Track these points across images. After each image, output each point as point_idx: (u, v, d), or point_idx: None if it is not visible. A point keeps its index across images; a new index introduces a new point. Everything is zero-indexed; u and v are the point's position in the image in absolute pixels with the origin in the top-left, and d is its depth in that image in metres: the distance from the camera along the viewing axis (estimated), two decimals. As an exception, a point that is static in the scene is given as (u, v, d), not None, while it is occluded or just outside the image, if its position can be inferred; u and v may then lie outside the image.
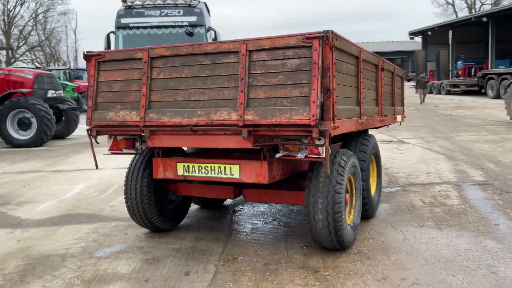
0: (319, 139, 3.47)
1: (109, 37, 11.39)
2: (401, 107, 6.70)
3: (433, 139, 11.51)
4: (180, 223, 4.98)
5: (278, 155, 3.67)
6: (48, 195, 6.63)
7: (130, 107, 3.98)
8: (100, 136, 4.25)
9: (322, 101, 3.36)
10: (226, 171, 3.92)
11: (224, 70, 3.65)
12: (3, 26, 43.36)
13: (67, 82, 25.69)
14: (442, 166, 8.01)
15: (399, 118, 6.55)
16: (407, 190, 6.35)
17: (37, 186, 7.27)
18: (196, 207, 5.67)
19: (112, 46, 11.32)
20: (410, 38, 49.84)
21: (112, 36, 11.41)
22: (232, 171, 3.90)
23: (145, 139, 4.08)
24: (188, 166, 4.08)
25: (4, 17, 43.41)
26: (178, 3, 11.58)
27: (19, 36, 45.48)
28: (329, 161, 3.53)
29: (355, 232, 4.17)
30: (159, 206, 4.57)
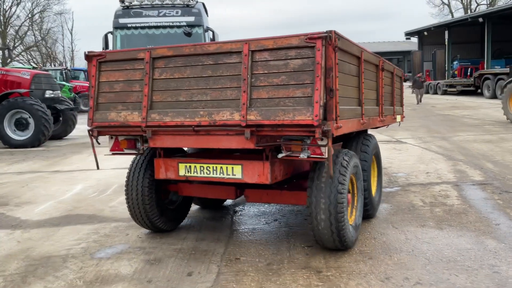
0: (322, 140, 3.47)
1: (107, 37, 11.38)
2: (400, 107, 6.72)
3: (431, 139, 11.54)
4: (181, 224, 4.98)
5: (280, 156, 3.66)
6: (47, 196, 6.60)
7: (132, 108, 3.97)
8: (100, 136, 4.23)
9: (325, 101, 3.37)
10: (228, 172, 3.91)
11: (226, 70, 3.64)
12: (-1, 26, 43.29)
13: (64, 83, 25.63)
14: (441, 166, 8.02)
15: (399, 118, 6.57)
16: (407, 190, 6.36)
17: (35, 187, 7.24)
18: (196, 208, 5.66)
19: (110, 47, 11.30)
20: (406, 39, 49.91)
21: (110, 36, 11.40)
22: (234, 172, 3.89)
23: (146, 140, 4.07)
24: (190, 166, 4.07)
25: (0, 17, 43.27)
26: (176, 3, 11.58)
27: (15, 36, 45.36)
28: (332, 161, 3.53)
29: (357, 232, 4.18)
30: (160, 206, 4.56)
